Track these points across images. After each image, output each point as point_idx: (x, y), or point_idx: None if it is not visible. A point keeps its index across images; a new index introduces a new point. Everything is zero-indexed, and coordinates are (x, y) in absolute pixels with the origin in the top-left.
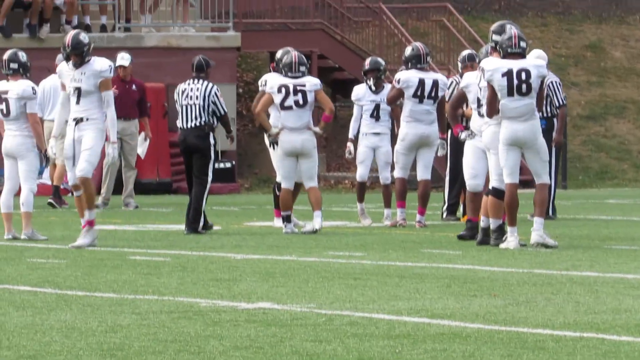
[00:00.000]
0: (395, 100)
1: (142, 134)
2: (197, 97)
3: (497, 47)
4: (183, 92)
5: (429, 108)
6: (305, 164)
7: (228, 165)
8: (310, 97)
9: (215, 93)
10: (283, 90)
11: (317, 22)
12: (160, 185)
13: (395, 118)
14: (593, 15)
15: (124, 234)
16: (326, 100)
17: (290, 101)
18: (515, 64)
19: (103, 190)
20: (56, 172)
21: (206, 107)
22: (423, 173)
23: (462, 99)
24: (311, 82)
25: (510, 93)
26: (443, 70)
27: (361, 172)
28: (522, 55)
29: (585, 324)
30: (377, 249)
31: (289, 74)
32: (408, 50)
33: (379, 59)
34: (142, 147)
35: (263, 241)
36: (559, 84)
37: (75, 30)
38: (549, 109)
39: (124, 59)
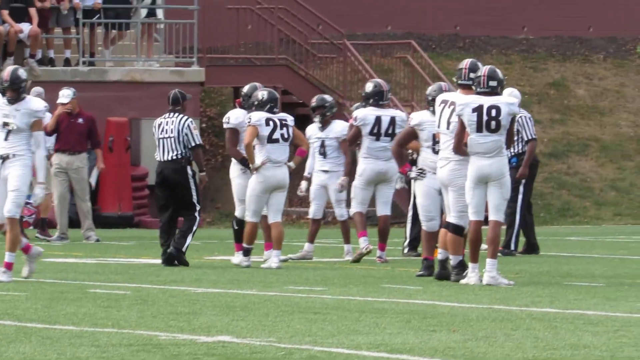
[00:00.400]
0: (356, 139)
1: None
2: (171, 131)
3: (473, 84)
4: (159, 125)
5: (386, 145)
6: (278, 198)
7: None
8: (291, 132)
9: (189, 125)
10: (271, 123)
11: (281, 57)
12: (122, 218)
13: (344, 153)
14: (557, 53)
15: (85, 266)
16: (302, 135)
17: (277, 134)
18: (486, 101)
19: (58, 226)
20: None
21: (181, 140)
22: (382, 209)
23: (410, 137)
24: (289, 118)
25: (479, 129)
26: (407, 106)
27: (311, 210)
28: (492, 93)
29: (544, 359)
30: (338, 284)
31: (275, 109)
32: (369, 87)
33: (326, 96)
34: (93, 177)
35: (223, 275)
36: (529, 119)
37: (14, 66)
38: (520, 146)
39: (64, 96)
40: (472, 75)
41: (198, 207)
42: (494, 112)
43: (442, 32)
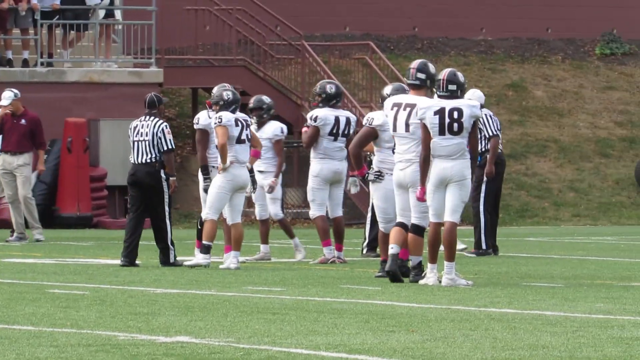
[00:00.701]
0: (314, 139)
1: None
2: (146, 134)
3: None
4: (134, 128)
5: (342, 145)
6: (240, 198)
7: None
8: (250, 133)
9: (163, 129)
10: (240, 124)
11: (239, 58)
12: (81, 219)
13: (277, 154)
14: (515, 54)
15: (43, 267)
16: (257, 137)
17: (244, 135)
18: (448, 103)
19: (14, 226)
20: None
21: (155, 143)
22: (335, 210)
23: (370, 137)
24: (249, 119)
25: (441, 132)
26: (365, 107)
27: (257, 212)
28: (452, 97)
29: None
30: (296, 284)
31: (237, 110)
32: (332, 88)
33: (264, 98)
34: (32, 179)
35: (182, 275)
36: (490, 116)
37: None
38: (483, 144)
39: (5, 98)
40: (420, 75)
41: (167, 213)
42: (455, 115)
43: (400, 33)
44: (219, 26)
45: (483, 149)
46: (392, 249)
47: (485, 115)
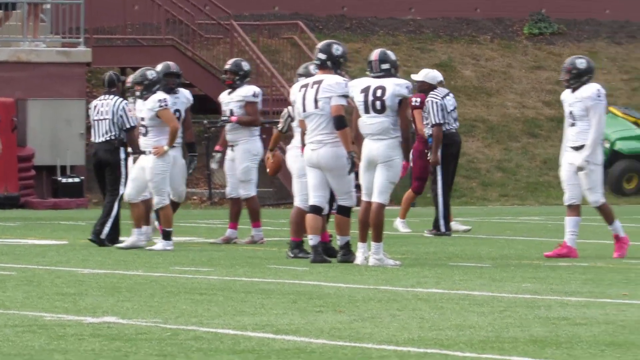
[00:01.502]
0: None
1: None
2: (106, 112)
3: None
4: (95, 107)
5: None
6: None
7: (77, 180)
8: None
9: (124, 107)
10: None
11: (168, 38)
12: (7, 199)
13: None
14: (444, 34)
15: None
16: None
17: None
18: (374, 82)
19: None
20: None
21: (115, 121)
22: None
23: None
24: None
25: (366, 110)
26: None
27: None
28: (386, 75)
29: (430, 340)
30: (224, 265)
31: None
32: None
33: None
34: None
35: (110, 256)
36: (436, 103)
37: None
38: (430, 130)
39: None
40: (321, 55)
41: (121, 191)
42: (379, 93)
43: (329, 12)
44: (148, 5)
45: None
46: (312, 240)
47: (431, 102)
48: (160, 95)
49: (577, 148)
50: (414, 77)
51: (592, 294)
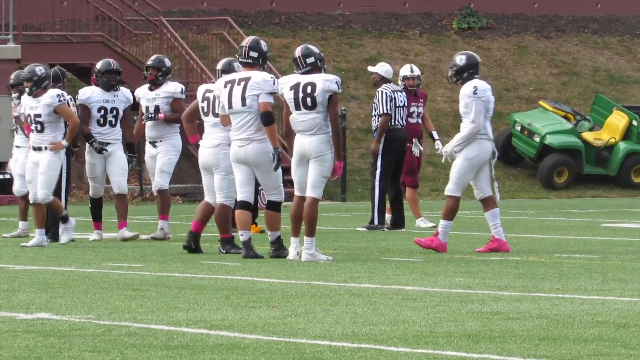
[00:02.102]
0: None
1: None
2: None
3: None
4: None
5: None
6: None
7: (7, 176)
8: None
9: (68, 101)
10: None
11: (97, 34)
12: None
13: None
14: (373, 29)
15: None
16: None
17: None
18: (304, 79)
19: None
20: None
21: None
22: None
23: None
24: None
25: (297, 107)
26: None
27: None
28: (313, 70)
29: (363, 335)
30: (156, 260)
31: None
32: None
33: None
34: None
35: (42, 252)
36: (386, 94)
37: None
38: (377, 120)
39: None
40: (252, 53)
41: (64, 185)
42: (309, 89)
43: (258, 8)
44: (77, 2)
45: (377, 126)
46: (243, 235)
47: (381, 92)
48: (57, 90)
49: None
50: (370, 68)
51: (525, 288)
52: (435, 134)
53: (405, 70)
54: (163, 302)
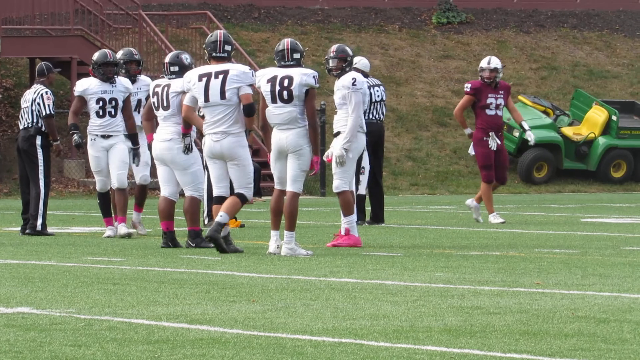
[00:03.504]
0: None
1: None
2: (28, 100)
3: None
4: (24, 96)
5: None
6: None
7: None
8: None
9: (42, 95)
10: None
11: (77, 28)
12: None
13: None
14: (352, 23)
15: None
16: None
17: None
18: (281, 72)
19: None
20: None
21: (33, 109)
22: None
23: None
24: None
25: (273, 100)
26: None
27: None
28: (296, 65)
29: (344, 329)
30: (136, 255)
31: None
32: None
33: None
34: None
35: (21, 246)
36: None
37: None
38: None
39: None
40: (227, 47)
41: (41, 179)
42: (286, 82)
43: (237, 2)
44: None
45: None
46: (221, 217)
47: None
48: None
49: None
50: None
51: (505, 283)
52: (525, 124)
53: (482, 62)
54: (143, 296)
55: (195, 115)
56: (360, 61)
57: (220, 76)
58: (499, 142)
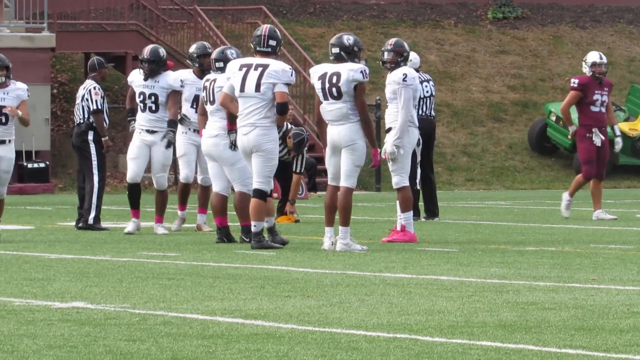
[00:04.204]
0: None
1: None
2: (79, 97)
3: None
4: (78, 91)
5: None
6: None
7: (42, 165)
8: None
9: (90, 90)
10: None
11: (132, 23)
12: None
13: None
14: (408, 18)
15: None
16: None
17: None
18: (331, 68)
19: None
20: None
21: (83, 105)
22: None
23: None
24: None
25: (325, 97)
26: None
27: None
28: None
29: (399, 325)
30: (191, 250)
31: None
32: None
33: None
34: None
35: (76, 241)
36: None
37: None
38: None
39: None
40: (272, 42)
41: (95, 173)
42: (334, 79)
43: None
44: None
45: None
46: (255, 226)
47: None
48: (24, 85)
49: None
50: None
51: (560, 279)
52: (617, 129)
53: (594, 57)
54: (198, 291)
55: (232, 103)
56: (411, 55)
57: (260, 69)
58: (603, 138)
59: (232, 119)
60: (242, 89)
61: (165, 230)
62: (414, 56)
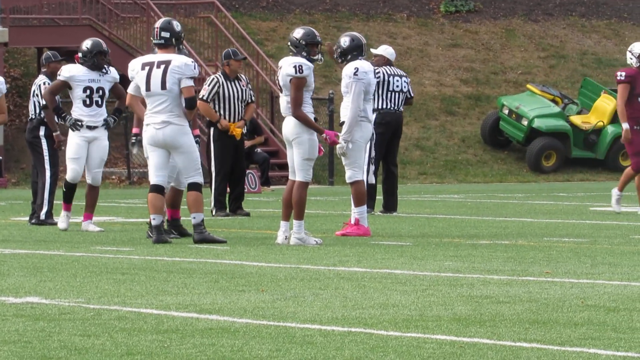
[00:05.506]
0: None
1: None
2: (33, 92)
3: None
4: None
5: None
6: None
7: None
8: None
9: (40, 85)
10: None
11: (84, 18)
12: None
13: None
14: (360, 12)
15: None
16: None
17: None
18: (282, 62)
19: None
20: None
21: (35, 101)
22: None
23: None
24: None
25: (280, 90)
26: (210, 66)
27: None
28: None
29: (353, 318)
30: (145, 244)
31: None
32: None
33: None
34: None
35: (30, 236)
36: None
37: None
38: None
39: None
40: (164, 34)
41: (47, 169)
42: (279, 73)
43: None
44: None
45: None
46: (155, 220)
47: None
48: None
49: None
50: (373, 50)
51: (514, 272)
52: None
53: (638, 48)
54: (152, 286)
55: (138, 105)
56: (386, 50)
57: (162, 66)
58: None
59: (139, 122)
60: (147, 88)
61: (99, 227)
62: (390, 50)
